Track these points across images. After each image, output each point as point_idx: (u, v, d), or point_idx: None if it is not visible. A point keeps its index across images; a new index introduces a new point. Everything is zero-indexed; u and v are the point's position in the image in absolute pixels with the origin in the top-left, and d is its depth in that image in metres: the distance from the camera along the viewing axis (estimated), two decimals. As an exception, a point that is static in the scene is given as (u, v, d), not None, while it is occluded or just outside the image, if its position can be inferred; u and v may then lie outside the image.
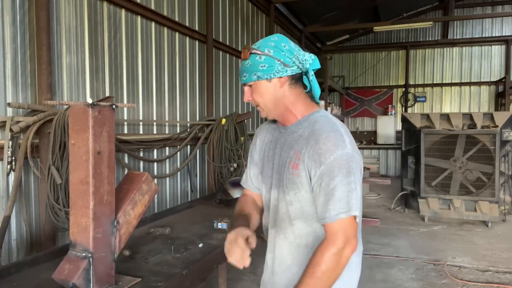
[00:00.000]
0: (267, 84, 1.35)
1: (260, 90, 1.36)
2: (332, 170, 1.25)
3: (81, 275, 1.56)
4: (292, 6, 8.89)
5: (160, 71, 4.49)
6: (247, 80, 1.36)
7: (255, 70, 1.33)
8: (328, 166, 1.25)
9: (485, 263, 4.45)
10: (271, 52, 1.32)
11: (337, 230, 1.25)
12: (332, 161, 1.25)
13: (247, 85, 1.38)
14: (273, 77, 1.33)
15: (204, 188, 5.40)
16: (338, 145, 1.26)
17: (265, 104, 1.39)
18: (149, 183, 1.82)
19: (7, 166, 2.65)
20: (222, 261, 2.47)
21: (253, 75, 1.34)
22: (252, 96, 1.39)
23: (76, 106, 1.59)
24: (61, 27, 3.18)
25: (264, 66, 1.32)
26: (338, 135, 1.29)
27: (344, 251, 1.25)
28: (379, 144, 11.91)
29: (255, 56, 1.33)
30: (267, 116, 1.43)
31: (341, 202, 1.24)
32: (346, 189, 1.25)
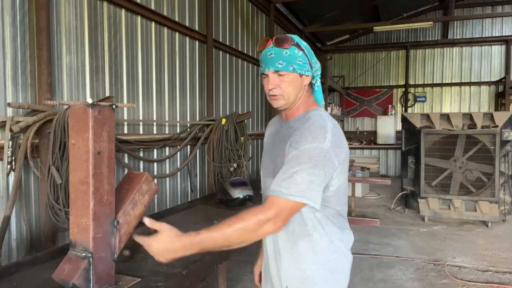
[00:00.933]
0: (298, 78, 1.40)
1: (291, 81, 1.40)
2: (301, 157, 1.29)
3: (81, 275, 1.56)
4: (292, 6, 8.89)
5: (160, 71, 4.49)
6: (283, 68, 1.37)
7: (292, 62, 1.37)
8: (300, 152, 1.29)
9: (485, 263, 4.45)
10: (305, 50, 1.41)
11: (276, 204, 1.28)
12: (304, 149, 1.29)
13: (278, 73, 1.39)
14: (304, 74, 1.41)
15: (204, 188, 5.40)
16: (316, 138, 1.30)
17: (289, 95, 1.42)
18: (149, 183, 1.82)
19: (7, 166, 2.65)
20: (222, 261, 2.47)
21: (290, 66, 1.37)
22: (279, 85, 1.40)
23: (76, 106, 1.59)
24: (61, 27, 3.18)
25: (301, 61, 1.39)
26: (322, 131, 1.33)
27: (267, 224, 1.28)
28: (379, 144, 11.91)
29: (295, 49, 1.38)
30: (284, 106, 1.45)
31: (297, 186, 1.27)
32: (308, 178, 1.27)
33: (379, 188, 9.01)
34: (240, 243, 1.30)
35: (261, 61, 1.44)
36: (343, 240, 1.47)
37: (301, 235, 1.42)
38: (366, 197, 8.42)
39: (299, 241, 1.43)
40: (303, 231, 1.42)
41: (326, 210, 1.41)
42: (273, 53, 1.39)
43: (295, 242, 1.44)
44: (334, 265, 1.45)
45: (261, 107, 7.84)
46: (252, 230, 1.28)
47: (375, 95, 12.44)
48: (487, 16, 11.20)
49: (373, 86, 12.51)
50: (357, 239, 5.13)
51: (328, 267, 1.44)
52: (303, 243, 1.43)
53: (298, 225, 1.42)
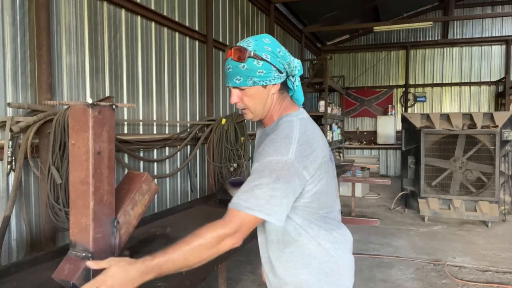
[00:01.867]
0: (261, 90, 1.33)
1: (253, 95, 1.34)
2: (263, 170, 1.24)
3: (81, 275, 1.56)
4: (292, 6, 8.89)
5: (160, 71, 4.49)
6: (241, 84, 1.31)
7: (251, 75, 1.30)
8: (262, 165, 1.25)
9: (485, 263, 4.45)
10: (268, 57, 1.30)
11: (236, 218, 1.24)
12: (266, 162, 1.25)
13: (239, 88, 1.34)
14: (268, 84, 1.33)
15: (204, 188, 5.40)
16: (279, 151, 1.25)
17: (255, 108, 1.38)
18: (149, 183, 1.82)
19: (7, 166, 2.65)
20: (222, 261, 2.47)
21: (249, 80, 1.31)
22: (241, 100, 1.37)
23: (76, 106, 1.59)
24: (61, 27, 3.18)
25: (261, 72, 1.30)
26: (286, 142, 1.27)
27: (227, 239, 1.23)
28: (379, 144, 11.91)
29: (253, 61, 1.29)
30: (253, 118, 1.43)
31: (257, 200, 1.22)
32: (269, 193, 1.22)
33: (379, 188, 9.01)
34: (200, 261, 1.24)
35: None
36: (335, 241, 1.44)
37: (286, 243, 1.41)
38: (366, 197, 8.42)
39: (285, 249, 1.42)
40: (288, 239, 1.41)
41: (307, 215, 1.38)
42: (231, 67, 1.32)
43: (282, 250, 1.43)
44: (329, 267, 1.42)
45: (261, 107, 7.84)
46: (210, 246, 1.23)
47: (375, 95, 12.44)
48: (487, 16, 11.20)
49: (373, 86, 12.51)
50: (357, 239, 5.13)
51: (322, 269, 1.41)
52: (290, 249, 1.42)
53: (281, 234, 1.41)
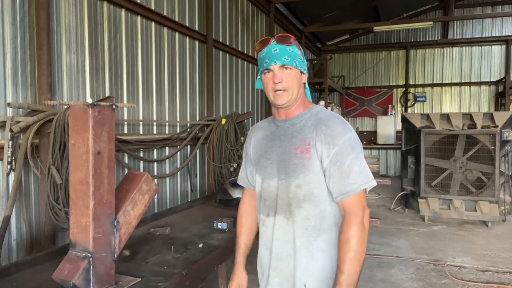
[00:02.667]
0: (299, 75, 1.47)
1: (294, 77, 1.44)
2: (344, 149, 1.38)
3: (81, 275, 1.56)
4: (292, 6, 8.89)
5: (160, 71, 4.49)
6: (289, 63, 1.42)
7: (296, 58, 1.44)
8: (341, 146, 1.38)
9: (485, 263, 4.45)
10: (301, 51, 1.49)
11: (356, 202, 1.38)
12: (343, 142, 1.38)
13: (283, 67, 1.42)
14: (303, 72, 1.48)
15: (204, 188, 5.40)
16: (346, 128, 1.41)
17: (293, 90, 1.45)
18: (149, 183, 1.82)
19: (7, 166, 2.65)
20: (222, 261, 2.47)
21: (294, 62, 1.43)
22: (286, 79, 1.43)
23: (76, 106, 1.59)
24: (61, 27, 3.18)
25: (301, 59, 1.47)
26: (343, 121, 1.44)
27: (364, 220, 1.38)
28: (379, 144, 11.91)
29: (295, 47, 1.45)
30: (287, 102, 1.46)
31: (361, 175, 1.38)
32: (362, 164, 1.39)
33: (379, 188, 9.01)
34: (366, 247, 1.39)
35: (264, 58, 1.45)
36: None
37: (321, 230, 1.44)
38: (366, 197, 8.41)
39: (319, 237, 1.44)
40: (324, 226, 1.44)
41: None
42: (277, 49, 1.43)
43: (315, 237, 1.44)
44: None
45: (261, 107, 7.84)
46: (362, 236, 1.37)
47: (375, 95, 12.44)
48: (487, 16, 11.20)
49: (373, 86, 12.51)
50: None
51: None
52: (323, 238, 1.44)
53: (320, 221, 1.44)
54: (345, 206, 1.39)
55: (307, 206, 1.43)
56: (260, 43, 1.48)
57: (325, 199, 1.43)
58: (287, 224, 1.48)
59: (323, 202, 1.43)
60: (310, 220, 1.44)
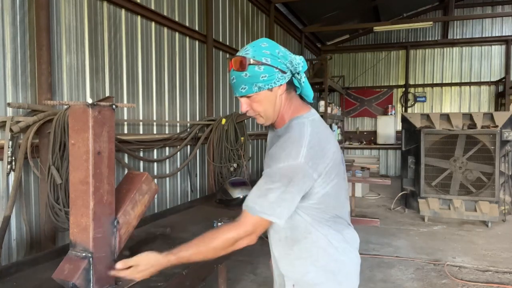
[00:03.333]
0: (268, 94, 1.34)
1: (261, 100, 1.35)
2: (275, 175, 1.29)
3: (81, 275, 1.56)
4: (292, 6, 8.89)
5: (160, 71, 4.49)
6: (247, 92, 1.33)
7: (255, 81, 1.31)
8: (273, 170, 1.29)
9: (485, 263, 4.45)
10: (268, 60, 1.30)
11: (250, 221, 1.32)
12: (278, 168, 1.28)
13: (246, 96, 1.36)
14: (274, 86, 1.33)
15: (204, 188, 5.40)
16: (289, 155, 1.28)
17: (266, 113, 1.39)
18: (149, 183, 1.82)
19: (7, 166, 2.65)
20: (222, 261, 2.47)
21: (254, 87, 1.32)
22: (251, 107, 1.39)
23: (76, 106, 1.59)
24: (61, 27, 3.18)
25: (265, 77, 1.30)
26: (296, 146, 1.29)
27: (243, 240, 1.34)
28: (379, 144, 11.91)
29: (254, 67, 1.30)
30: (265, 123, 1.44)
31: (271, 204, 1.29)
32: (281, 197, 1.28)
33: (379, 188, 9.01)
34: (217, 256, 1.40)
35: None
36: (344, 241, 1.45)
37: (295, 240, 1.42)
38: (366, 197, 8.42)
39: (294, 246, 1.43)
40: (297, 235, 1.41)
41: (317, 214, 1.39)
42: (234, 78, 1.34)
43: (291, 247, 1.43)
44: (337, 266, 1.43)
45: (261, 107, 7.83)
46: (226, 247, 1.35)
47: (375, 95, 12.44)
48: (487, 16, 11.20)
49: (373, 86, 12.51)
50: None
51: (330, 268, 1.42)
52: (299, 246, 1.42)
53: (291, 231, 1.42)
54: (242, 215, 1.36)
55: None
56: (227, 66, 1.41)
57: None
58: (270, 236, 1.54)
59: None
60: (281, 232, 1.45)
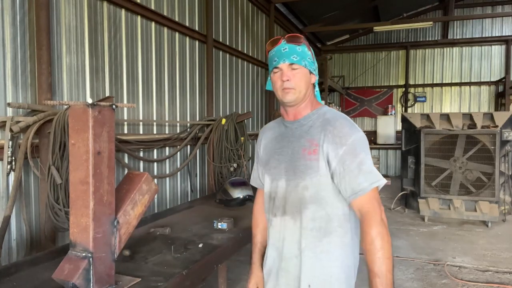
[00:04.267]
0: (308, 75, 1.47)
1: (302, 77, 1.45)
2: (354, 149, 1.38)
3: (81, 275, 1.56)
4: (292, 6, 8.89)
5: (160, 71, 4.49)
6: (297, 61, 1.43)
7: (305, 58, 1.45)
8: (349, 146, 1.38)
9: (485, 263, 4.45)
10: (311, 52, 1.49)
11: (371, 199, 1.38)
12: (352, 141, 1.38)
13: (292, 66, 1.43)
14: (313, 72, 1.49)
15: (204, 188, 5.40)
16: (353, 129, 1.42)
17: (300, 89, 1.46)
18: (149, 183, 1.82)
19: (7, 166, 2.65)
20: (222, 261, 2.47)
21: (303, 61, 1.44)
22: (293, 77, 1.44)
23: (76, 106, 1.59)
24: (61, 27, 3.18)
25: (310, 59, 1.47)
26: (350, 122, 1.45)
27: (382, 215, 1.38)
28: (379, 144, 11.91)
29: (305, 47, 1.46)
30: (294, 100, 1.47)
31: (371, 174, 1.38)
32: (371, 163, 1.40)
33: (379, 188, 9.00)
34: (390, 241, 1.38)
35: (273, 57, 1.47)
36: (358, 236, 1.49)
37: (327, 232, 1.44)
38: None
39: (324, 238, 1.44)
40: (329, 228, 1.44)
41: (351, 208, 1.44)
42: (287, 48, 1.44)
43: (320, 239, 1.44)
44: (354, 262, 1.49)
45: (261, 107, 7.84)
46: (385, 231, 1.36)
47: (375, 95, 12.44)
48: (487, 16, 11.20)
49: (373, 86, 12.51)
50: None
51: (349, 264, 1.46)
52: (328, 239, 1.44)
53: (325, 222, 1.44)
54: (360, 206, 1.39)
55: (313, 207, 1.44)
56: (270, 43, 1.50)
57: (332, 201, 1.43)
58: (294, 225, 1.49)
59: (329, 204, 1.43)
60: (316, 222, 1.44)
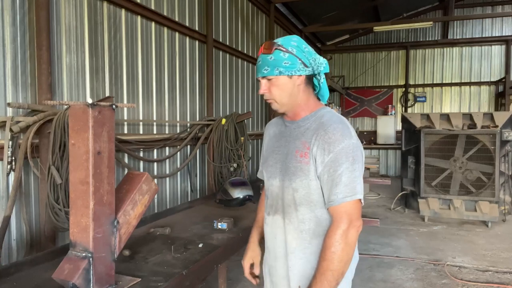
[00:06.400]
0: (287, 80, 1.43)
1: (279, 85, 1.43)
2: (339, 158, 1.35)
3: (81, 275, 1.56)
4: (292, 6, 8.89)
5: (160, 71, 4.49)
6: (268, 73, 1.42)
7: (278, 65, 1.40)
8: (336, 154, 1.35)
9: (485, 263, 4.45)
10: (294, 51, 1.41)
11: (342, 212, 1.36)
12: (340, 149, 1.35)
13: (266, 78, 1.43)
14: (293, 74, 1.42)
15: (204, 188, 5.40)
16: (345, 135, 1.37)
17: (281, 98, 1.45)
18: (149, 183, 1.82)
19: (7, 166, 2.65)
20: (222, 261, 2.47)
21: (275, 70, 1.41)
22: (269, 89, 1.45)
23: (76, 106, 1.59)
24: (61, 27, 3.18)
25: (287, 63, 1.40)
26: (345, 127, 1.40)
27: (349, 232, 1.35)
28: (379, 144, 11.91)
29: (279, 52, 1.40)
30: (278, 109, 1.49)
31: (347, 187, 1.34)
32: (352, 175, 1.35)
33: (379, 188, 9.01)
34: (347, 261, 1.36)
35: None
36: None
37: (316, 234, 1.45)
38: (366, 197, 8.42)
39: (313, 240, 1.45)
40: (319, 231, 1.44)
41: None
42: (260, 60, 1.44)
43: (310, 241, 1.45)
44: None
45: (261, 107, 7.84)
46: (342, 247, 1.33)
47: (375, 95, 12.44)
48: (487, 16, 11.20)
49: (373, 86, 12.51)
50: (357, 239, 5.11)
51: None
52: (317, 241, 1.44)
53: (314, 225, 1.45)
54: (331, 214, 1.40)
55: (303, 209, 1.45)
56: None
57: (321, 205, 1.43)
58: (283, 224, 1.50)
59: (319, 207, 1.43)
60: (305, 224, 1.45)
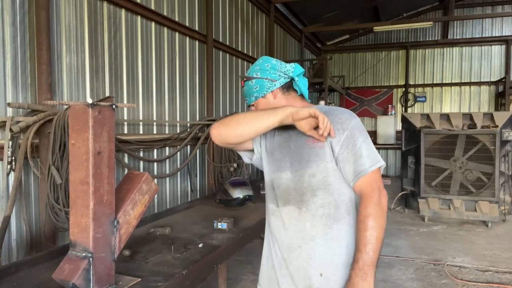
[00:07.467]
0: (264, 101, 1.61)
1: (261, 106, 1.62)
2: (354, 133, 1.44)
3: (81, 275, 1.56)
4: (292, 6, 8.89)
5: (160, 71, 4.49)
6: (249, 101, 1.64)
7: (251, 93, 1.62)
8: (350, 130, 1.44)
9: (485, 263, 4.45)
10: (258, 74, 1.60)
11: (371, 182, 1.42)
12: (352, 126, 1.45)
13: (251, 105, 1.65)
14: (265, 93, 1.59)
15: (204, 188, 5.40)
16: (351, 114, 1.50)
17: None
18: (149, 183, 1.82)
19: (7, 166, 2.65)
20: (222, 261, 2.47)
21: (252, 97, 1.62)
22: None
23: (76, 106, 1.59)
24: (61, 27, 3.18)
25: (256, 88, 1.60)
26: (347, 109, 1.55)
27: (381, 199, 1.41)
28: (379, 144, 11.90)
29: (248, 82, 1.63)
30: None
31: (369, 157, 1.42)
32: (369, 147, 1.44)
33: (379, 188, 9.00)
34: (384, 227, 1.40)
35: None
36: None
37: (336, 219, 1.46)
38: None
39: (334, 225, 1.46)
40: (338, 214, 1.46)
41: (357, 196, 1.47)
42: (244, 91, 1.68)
43: (330, 226, 1.46)
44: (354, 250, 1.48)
45: (261, 107, 7.84)
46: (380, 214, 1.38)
47: (375, 95, 12.44)
48: (487, 16, 11.20)
49: (373, 86, 12.51)
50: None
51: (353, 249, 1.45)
52: (338, 226, 1.46)
53: (334, 209, 1.46)
54: (360, 188, 1.43)
55: (321, 194, 1.46)
56: None
57: (339, 187, 1.46)
58: (299, 214, 1.50)
59: (336, 190, 1.46)
60: (325, 209, 1.47)
